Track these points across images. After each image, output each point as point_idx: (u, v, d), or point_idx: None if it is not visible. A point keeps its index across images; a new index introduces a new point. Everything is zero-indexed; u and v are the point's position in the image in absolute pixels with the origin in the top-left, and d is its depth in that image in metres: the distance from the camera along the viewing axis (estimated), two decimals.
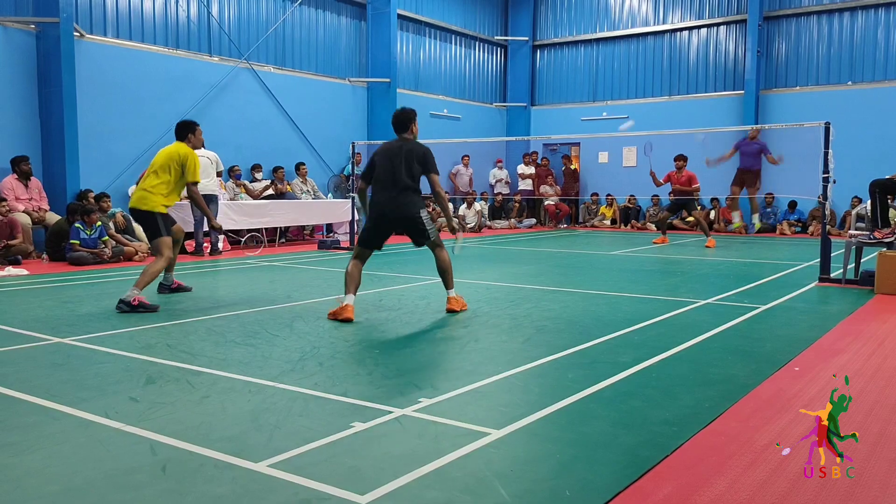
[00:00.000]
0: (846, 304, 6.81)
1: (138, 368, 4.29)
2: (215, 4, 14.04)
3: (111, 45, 12.36)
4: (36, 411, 3.48)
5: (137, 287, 6.22)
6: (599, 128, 19.88)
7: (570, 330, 5.50)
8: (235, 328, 5.48)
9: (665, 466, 2.83)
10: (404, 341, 5.09)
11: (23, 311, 6.35)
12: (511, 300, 6.87)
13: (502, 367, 4.33)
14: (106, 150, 12.15)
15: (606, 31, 20.29)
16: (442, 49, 19.51)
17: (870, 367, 4.43)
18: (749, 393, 3.82)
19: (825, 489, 2.61)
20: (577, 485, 2.66)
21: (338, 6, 16.67)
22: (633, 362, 4.42)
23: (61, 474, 2.74)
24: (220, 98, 13.94)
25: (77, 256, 9.59)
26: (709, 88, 18.88)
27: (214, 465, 2.80)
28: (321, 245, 12.68)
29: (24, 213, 10.45)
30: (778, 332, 5.51)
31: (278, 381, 3.97)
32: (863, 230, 8.75)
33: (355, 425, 3.24)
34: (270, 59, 15.15)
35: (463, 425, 3.26)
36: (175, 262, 7.23)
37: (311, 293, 7.31)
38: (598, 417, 3.41)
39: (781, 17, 17.95)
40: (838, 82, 17.23)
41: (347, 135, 16.10)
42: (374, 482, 2.63)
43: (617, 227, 18.87)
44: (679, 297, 7.02)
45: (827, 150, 8.25)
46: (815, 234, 15.49)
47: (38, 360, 4.53)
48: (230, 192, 13.05)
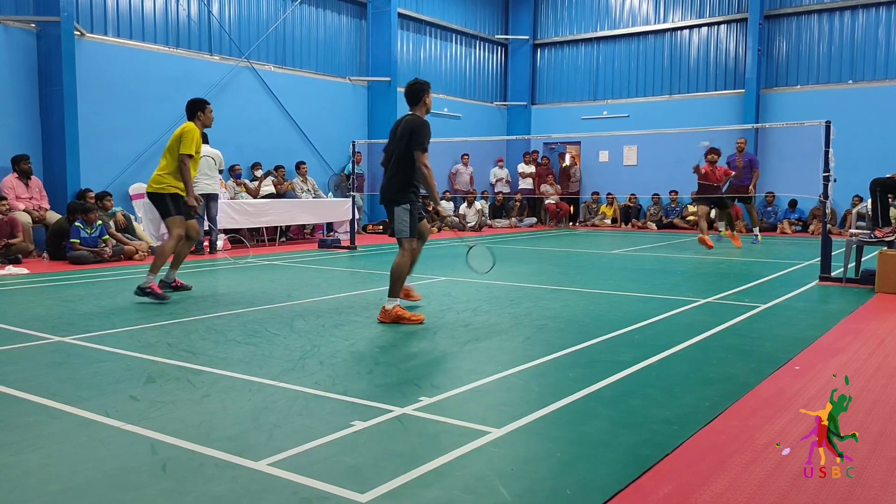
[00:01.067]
0: (846, 303, 6.80)
1: (138, 367, 4.29)
2: (216, 3, 14.04)
3: (112, 44, 12.36)
4: (36, 410, 3.48)
5: (153, 272, 6.43)
6: (600, 127, 19.87)
7: (570, 329, 5.50)
8: (236, 327, 5.48)
9: (665, 465, 2.83)
10: (404, 340, 5.09)
11: (23, 310, 6.35)
12: (511, 299, 6.87)
13: (502, 366, 4.33)
14: (106, 149, 12.15)
15: (607, 30, 20.28)
16: (442, 48, 19.50)
17: (870, 366, 4.42)
18: (749, 392, 3.82)
19: (825, 488, 2.61)
20: (577, 484, 2.66)
21: (338, 5, 16.67)
22: (634, 361, 4.42)
23: (61, 473, 2.74)
24: (220, 97, 13.92)
25: (77, 255, 9.59)
26: (709, 87, 18.86)
27: (215, 465, 2.80)
28: (321, 244, 12.69)
29: (24, 212, 10.46)
30: (778, 331, 5.51)
31: (279, 380, 3.97)
32: (863, 229, 8.74)
33: (355, 424, 3.24)
34: (271, 58, 15.15)
35: (463, 424, 3.26)
36: (182, 260, 7.26)
37: (311, 292, 7.31)
38: (598, 416, 3.41)
39: (782, 16, 17.93)
40: (839, 81, 17.21)
41: (348, 134, 16.11)
42: (375, 481, 2.63)
43: (617, 226, 18.87)
44: (679, 296, 7.02)
45: (827, 149, 8.25)
46: (815, 232, 15.48)
47: (39, 359, 4.53)
48: (231, 192, 13.05)
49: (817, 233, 14.74)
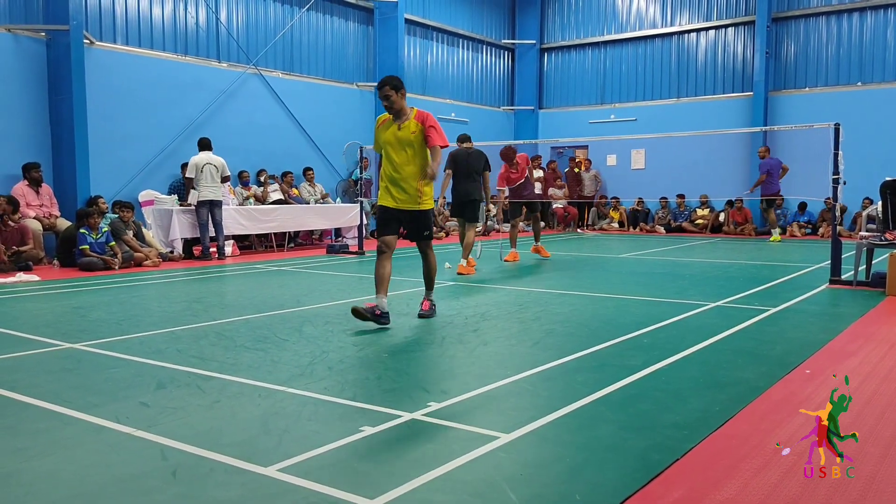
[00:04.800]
0: (857, 306, 6.76)
1: (149, 373, 4.30)
2: (224, 11, 14.12)
3: (121, 52, 12.44)
4: (47, 416, 3.50)
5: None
6: (607, 130, 19.85)
7: (579, 333, 5.49)
8: (245, 333, 5.49)
9: (675, 470, 2.82)
10: (413, 345, 5.09)
11: (34, 316, 6.39)
12: (520, 303, 6.86)
13: (511, 370, 4.32)
14: (116, 157, 12.22)
15: (614, 34, 20.28)
16: (449, 53, 19.54)
17: (882, 370, 4.39)
18: (760, 396, 3.80)
19: (837, 492, 2.59)
20: (586, 488, 2.65)
21: (345, 11, 16.73)
22: (643, 365, 4.41)
23: (72, 479, 2.75)
24: (228, 104, 14.01)
25: (87, 262, 9.64)
26: (717, 90, 18.83)
27: (224, 470, 2.81)
28: (330, 249, 12.71)
29: (34, 219, 10.52)
30: (788, 334, 5.48)
31: (288, 386, 3.97)
32: (874, 231, 8.68)
33: (364, 429, 3.24)
34: (279, 65, 15.21)
35: (472, 429, 3.26)
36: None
37: (320, 298, 7.32)
38: (607, 421, 3.40)
39: (790, 18, 17.88)
40: (848, 83, 17.14)
41: (355, 139, 16.15)
42: (384, 486, 2.63)
43: (625, 229, 18.83)
44: (689, 300, 6.99)
45: (837, 152, 8.21)
46: (825, 235, 15.41)
47: (49, 366, 4.56)
48: (238, 198, 13.10)
49: (827, 235, 14.67)
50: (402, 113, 5.82)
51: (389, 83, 5.74)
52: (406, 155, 5.77)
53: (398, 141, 5.77)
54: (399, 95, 5.75)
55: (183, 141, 13.05)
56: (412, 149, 5.76)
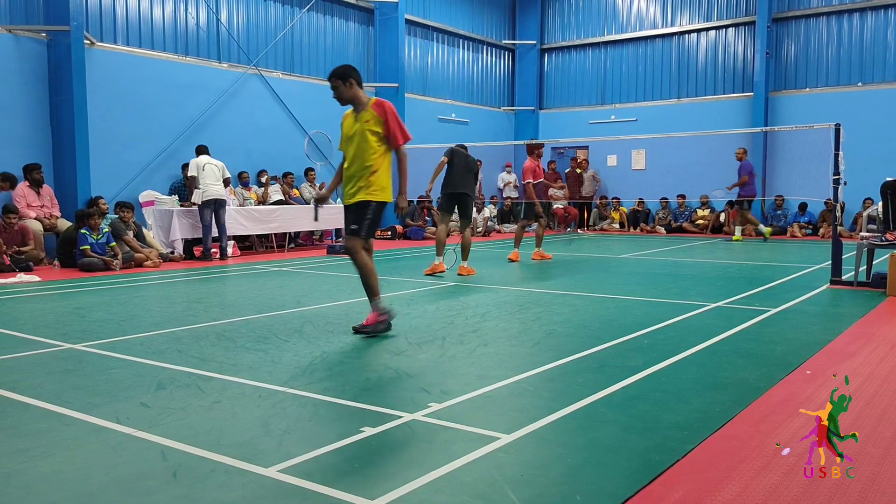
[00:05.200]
0: (858, 306, 6.76)
1: (149, 374, 4.30)
2: (224, 11, 14.12)
3: (121, 52, 12.45)
4: (47, 417, 3.50)
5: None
6: (608, 131, 19.86)
7: (579, 334, 5.49)
8: (245, 333, 5.49)
9: (676, 471, 2.82)
10: (413, 346, 5.09)
11: (34, 317, 6.39)
12: (520, 304, 6.86)
13: (512, 371, 4.32)
14: (117, 157, 12.23)
15: (614, 34, 20.28)
16: (450, 53, 19.54)
17: (882, 370, 4.39)
18: (760, 397, 3.80)
19: (838, 493, 2.59)
20: (587, 489, 2.65)
21: (345, 12, 16.73)
22: (644, 366, 4.41)
23: (73, 480, 2.75)
24: (229, 104, 14.01)
25: (88, 262, 9.65)
26: (717, 91, 18.83)
27: (225, 471, 2.81)
28: (330, 250, 12.72)
29: (35, 220, 10.53)
30: (789, 335, 5.48)
31: (288, 387, 3.97)
32: (875, 232, 8.68)
33: (365, 430, 3.24)
34: (279, 65, 15.22)
35: (473, 430, 3.26)
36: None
37: (320, 298, 7.32)
38: (608, 421, 3.40)
39: (790, 19, 17.89)
40: (848, 83, 17.15)
41: None
42: (384, 487, 2.63)
43: (625, 230, 18.83)
44: (689, 301, 6.99)
45: (837, 152, 8.21)
46: (825, 235, 15.41)
47: (50, 366, 4.56)
48: (239, 198, 13.10)
49: (827, 236, 14.67)
50: (357, 102, 5.47)
51: (335, 73, 5.41)
52: (358, 147, 5.36)
53: (356, 133, 5.40)
54: (348, 85, 5.40)
55: (183, 141, 13.06)
56: (364, 140, 5.33)
